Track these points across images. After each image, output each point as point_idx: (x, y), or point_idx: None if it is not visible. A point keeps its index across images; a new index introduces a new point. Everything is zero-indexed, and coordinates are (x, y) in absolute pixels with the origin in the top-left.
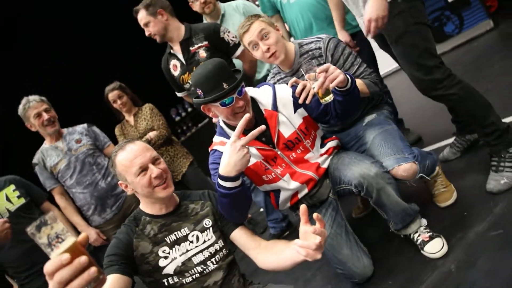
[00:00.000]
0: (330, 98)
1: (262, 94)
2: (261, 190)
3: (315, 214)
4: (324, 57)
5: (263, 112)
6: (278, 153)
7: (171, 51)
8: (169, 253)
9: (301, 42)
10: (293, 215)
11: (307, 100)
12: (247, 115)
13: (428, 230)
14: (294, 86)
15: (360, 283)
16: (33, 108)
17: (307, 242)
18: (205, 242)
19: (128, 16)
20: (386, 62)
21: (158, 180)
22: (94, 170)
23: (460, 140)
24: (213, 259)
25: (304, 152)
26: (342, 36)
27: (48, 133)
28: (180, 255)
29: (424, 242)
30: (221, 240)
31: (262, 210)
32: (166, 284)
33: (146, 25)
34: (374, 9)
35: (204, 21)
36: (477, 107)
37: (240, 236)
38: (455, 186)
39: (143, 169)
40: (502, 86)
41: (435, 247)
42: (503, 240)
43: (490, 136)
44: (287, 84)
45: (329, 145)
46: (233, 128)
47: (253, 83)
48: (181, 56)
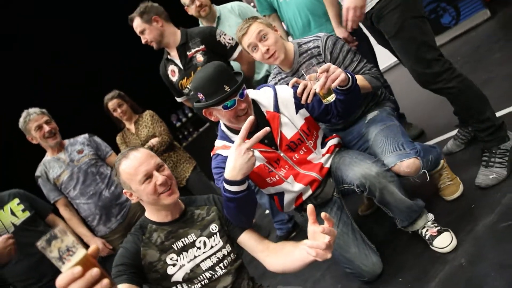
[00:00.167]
0: (332, 98)
1: (263, 96)
2: (265, 193)
3: (323, 214)
4: (323, 55)
5: (265, 114)
6: (281, 154)
7: (169, 57)
8: (177, 260)
9: (299, 41)
10: (298, 216)
11: (309, 99)
12: (251, 117)
13: (436, 225)
14: (295, 87)
15: (369, 282)
16: (33, 120)
17: (317, 242)
18: (212, 247)
19: (126, 24)
20: (385, 57)
21: (163, 187)
22: (97, 180)
23: (463, 132)
24: (221, 264)
25: (307, 153)
26: (340, 32)
27: (49, 145)
28: (188, 262)
29: (432, 237)
30: (228, 244)
31: (267, 212)
32: None
33: (142, 32)
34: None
35: (200, 24)
36: (474, 101)
37: (247, 239)
38: (461, 178)
39: (148, 176)
40: (502, 76)
41: (444, 242)
42: None
43: (484, 131)
44: (288, 84)
45: (330, 143)
46: (234, 131)
47: (252, 85)
48: (178, 61)
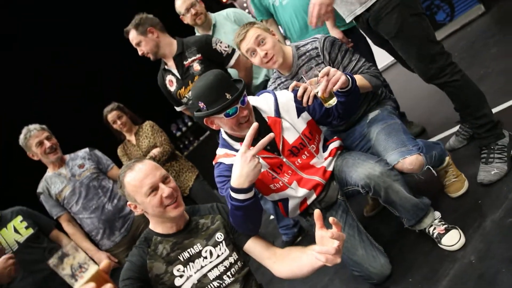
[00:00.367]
0: (334, 101)
1: (263, 102)
2: (268, 199)
3: (331, 218)
4: (321, 56)
5: (266, 120)
6: (284, 160)
7: (166, 67)
8: (184, 271)
9: (297, 44)
10: (303, 221)
11: (309, 102)
12: (255, 124)
13: (443, 223)
14: (295, 90)
15: (378, 284)
16: (34, 137)
17: (326, 247)
18: (219, 256)
19: (133, 11)
20: (382, 57)
21: (169, 199)
22: (100, 193)
23: (465, 128)
24: (228, 273)
25: (309, 157)
26: (335, 33)
27: (50, 160)
28: (195, 272)
29: (440, 235)
30: (235, 252)
31: (272, 217)
32: None
33: (138, 44)
34: None
35: (196, 32)
36: (473, 98)
37: (254, 246)
38: (465, 175)
39: (154, 188)
40: (498, 72)
41: (452, 239)
42: None
43: (482, 128)
44: (288, 88)
45: (331, 146)
46: (236, 139)
47: (251, 90)
48: (175, 71)
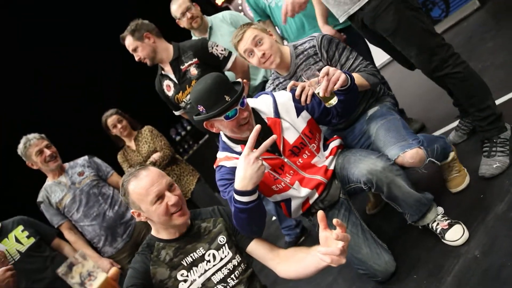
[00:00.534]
0: (335, 100)
1: (262, 103)
2: (271, 201)
3: (335, 220)
4: (319, 54)
5: (266, 121)
6: (285, 160)
7: (163, 72)
8: (187, 276)
9: (295, 44)
10: (306, 221)
11: (308, 100)
12: (258, 126)
13: (446, 218)
14: (293, 90)
15: (383, 281)
16: (34, 145)
17: (330, 248)
18: (222, 259)
19: (133, 11)
20: (380, 54)
21: (175, 207)
22: (100, 200)
23: (464, 122)
24: (232, 276)
25: (310, 156)
26: (326, 30)
27: (50, 169)
28: (199, 277)
29: (444, 231)
30: (238, 255)
31: (274, 218)
32: None
33: (135, 50)
34: None
35: (192, 36)
36: (477, 89)
37: (257, 248)
38: (466, 169)
39: (160, 197)
40: (496, 65)
41: (456, 234)
42: None
43: (485, 120)
44: (286, 88)
45: (332, 145)
46: (236, 141)
47: (249, 91)
48: (172, 76)
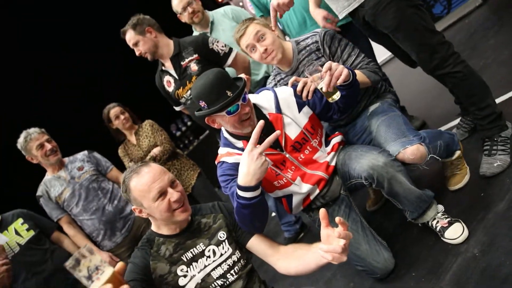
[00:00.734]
0: (337, 96)
1: (263, 99)
2: (272, 196)
3: (338, 218)
4: (321, 50)
5: (268, 116)
6: (287, 156)
7: (163, 68)
8: (187, 271)
9: (297, 39)
10: (305, 217)
11: (309, 96)
12: (262, 122)
13: (446, 216)
14: (294, 85)
15: (382, 278)
16: (34, 139)
17: (332, 246)
18: (222, 255)
19: (133, 11)
20: (382, 50)
21: (177, 203)
22: (100, 195)
23: (466, 120)
24: (232, 271)
25: (312, 152)
26: (318, 13)
27: (50, 163)
28: (198, 272)
29: (443, 229)
30: (237, 250)
31: (273, 214)
32: None
33: (136, 44)
34: None
35: (193, 31)
36: (476, 88)
37: (257, 244)
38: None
39: (162, 193)
40: (498, 63)
41: (456, 233)
42: None
43: (485, 119)
44: (288, 84)
45: (333, 141)
46: (237, 137)
47: (250, 87)
48: (173, 71)
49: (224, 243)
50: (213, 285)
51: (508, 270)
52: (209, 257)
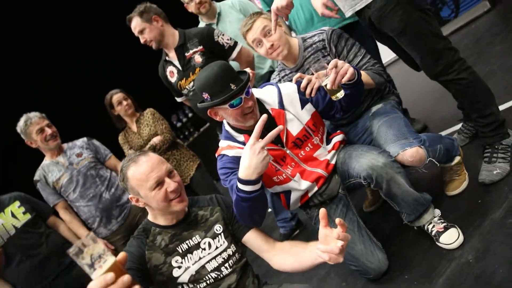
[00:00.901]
0: (341, 94)
1: (266, 94)
2: (270, 191)
3: (338, 219)
4: (328, 48)
5: (270, 111)
6: (287, 152)
7: (167, 58)
8: (182, 262)
9: (304, 36)
10: (302, 214)
11: (312, 93)
12: (265, 116)
13: (442, 221)
14: (298, 82)
15: (375, 279)
16: (35, 124)
17: (330, 246)
18: (217, 248)
19: (125, 24)
20: (387, 51)
21: (174, 194)
22: (97, 182)
23: (467, 126)
24: (226, 264)
25: (313, 149)
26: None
27: (49, 148)
28: (193, 264)
29: (439, 233)
30: (233, 244)
31: (269, 210)
32: None
33: (142, 32)
34: None
35: (200, 21)
36: (481, 96)
37: (253, 239)
38: (467, 174)
39: (159, 183)
40: (504, 69)
41: (451, 238)
42: None
43: (487, 126)
44: (292, 80)
45: (334, 140)
46: (239, 131)
47: (254, 81)
48: (177, 62)
49: (220, 236)
50: (207, 277)
51: (501, 278)
52: (204, 249)
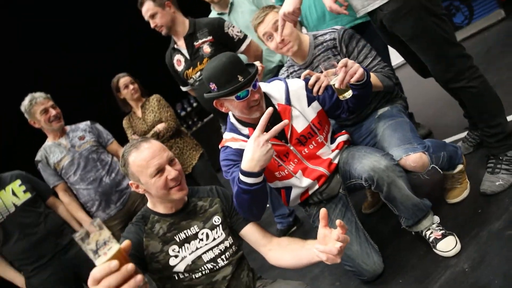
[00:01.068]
0: (349, 94)
1: (274, 89)
2: (271, 186)
3: (338, 221)
4: (338, 48)
5: (276, 107)
6: (291, 148)
7: (175, 46)
8: (179, 252)
9: (315, 33)
10: (300, 211)
11: (320, 91)
12: (270, 109)
13: (440, 228)
14: (306, 79)
15: (369, 281)
16: (39, 104)
17: (328, 247)
18: (215, 239)
19: (132, 11)
20: (397, 54)
21: (174, 182)
22: (98, 166)
23: (472, 135)
24: (223, 256)
25: (316, 147)
26: None
27: (53, 128)
28: (190, 254)
29: (436, 240)
30: (230, 236)
31: (267, 205)
32: (176, 278)
33: (153, 16)
34: (284, 4)
35: (212, 10)
36: (490, 105)
37: (251, 232)
38: (469, 183)
39: (160, 170)
40: None
41: (448, 246)
42: None
43: (493, 137)
44: (300, 76)
45: (339, 139)
46: (244, 124)
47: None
48: (185, 51)
49: (218, 228)
50: (203, 268)
51: None
52: (201, 240)
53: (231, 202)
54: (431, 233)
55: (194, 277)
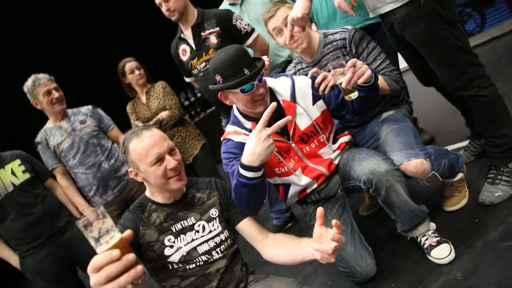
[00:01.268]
0: (355, 95)
1: (280, 85)
2: (270, 182)
3: (334, 221)
4: (348, 48)
5: (281, 103)
6: (292, 145)
7: (182, 36)
8: (174, 242)
9: (326, 32)
10: (296, 208)
11: (326, 91)
12: (274, 104)
13: (436, 235)
14: (313, 77)
15: (361, 283)
16: (43, 85)
17: (323, 246)
18: (211, 232)
19: (125, 27)
20: None
21: (173, 171)
22: (98, 151)
23: (474, 144)
24: (218, 249)
25: (318, 146)
26: None
27: (55, 111)
28: (185, 245)
29: (431, 247)
30: (226, 230)
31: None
32: (170, 268)
33: (167, 0)
34: (293, 9)
35: (223, 1)
36: (498, 116)
37: (248, 227)
38: (468, 191)
39: (159, 159)
40: None
41: (442, 253)
42: None
43: (498, 147)
44: (307, 74)
45: (341, 140)
46: (248, 117)
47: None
48: (191, 41)
49: (214, 221)
50: (197, 259)
51: None
52: (198, 231)
53: (229, 196)
54: (426, 239)
55: (188, 268)
